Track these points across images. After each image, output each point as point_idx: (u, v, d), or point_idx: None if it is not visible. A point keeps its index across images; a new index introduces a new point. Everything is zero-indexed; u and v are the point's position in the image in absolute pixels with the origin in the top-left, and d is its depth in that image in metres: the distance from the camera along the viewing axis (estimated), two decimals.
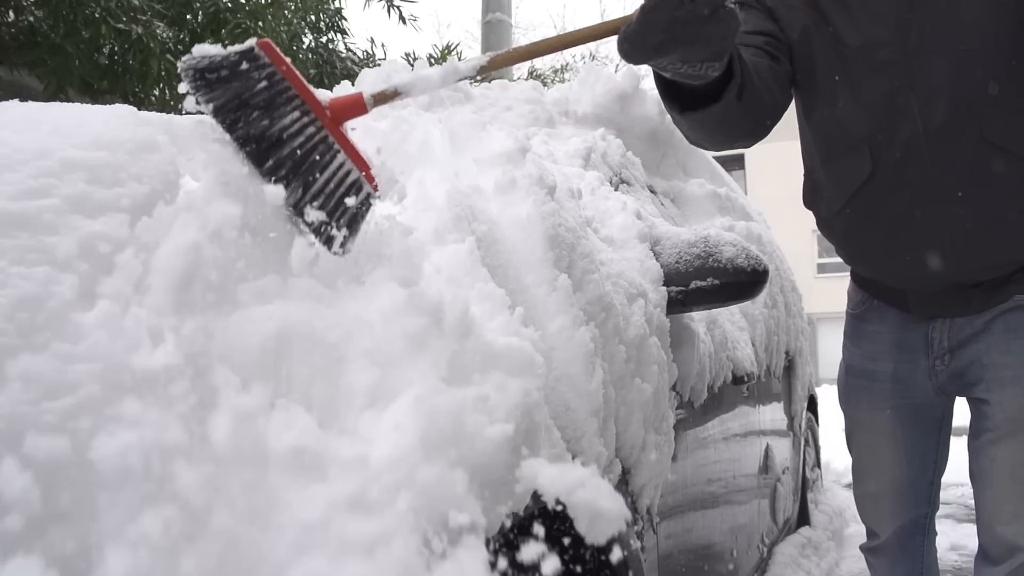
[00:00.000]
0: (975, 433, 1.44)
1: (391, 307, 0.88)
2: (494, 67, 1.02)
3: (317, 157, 0.94)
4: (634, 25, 0.95)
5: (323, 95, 0.97)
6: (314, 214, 0.92)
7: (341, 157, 0.95)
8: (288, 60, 0.97)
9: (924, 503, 1.59)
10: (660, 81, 1.18)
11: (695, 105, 1.20)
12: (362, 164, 0.96)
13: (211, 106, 0.93)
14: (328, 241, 0.93)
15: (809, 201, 1.55)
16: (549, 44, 1.04)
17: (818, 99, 1.41)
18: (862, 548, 1.68)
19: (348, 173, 0.95)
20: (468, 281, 1.12)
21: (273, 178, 0.92)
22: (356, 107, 0.98)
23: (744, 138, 1.38)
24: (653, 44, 0.95)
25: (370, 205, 0.96)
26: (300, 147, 0.93)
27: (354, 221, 0.95)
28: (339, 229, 0.93)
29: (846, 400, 1.64)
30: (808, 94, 1.43)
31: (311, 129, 0.94)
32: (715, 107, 1.19)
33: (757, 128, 1.36)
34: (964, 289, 1.39)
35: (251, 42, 0.96)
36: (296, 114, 0.94)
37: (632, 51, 0.97)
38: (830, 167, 1.44)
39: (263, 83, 0.93)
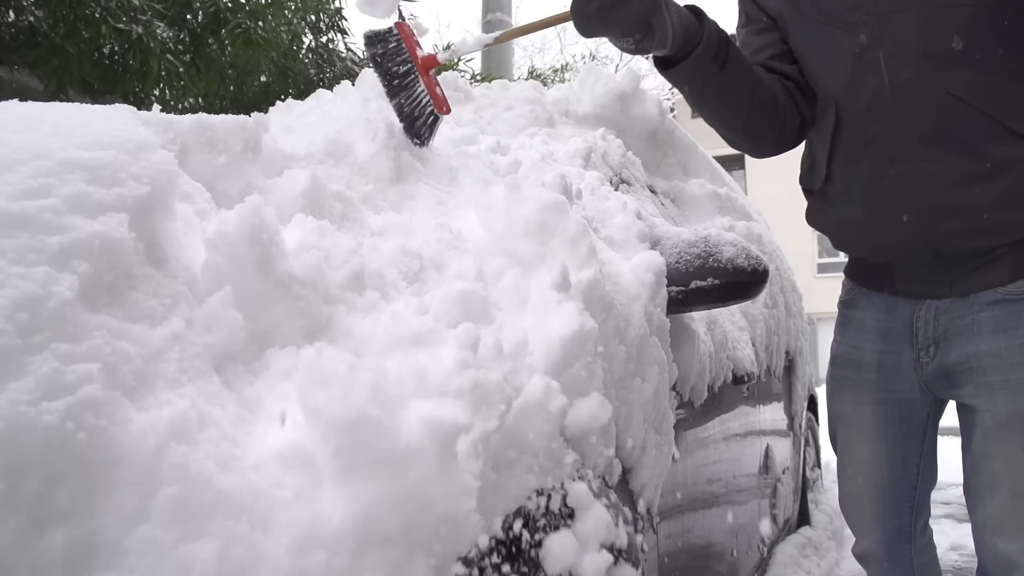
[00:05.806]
0: (966, 443, 1.41)
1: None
2: (500, 40, 1.70)
3: (411, 88, 1.65)
4: (571, 13, 1.32)
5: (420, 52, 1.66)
6: (405, 119, 1.62)
7: (421, 88, 1.64)
8: (407, 30, 1.67)
9: (907, 510, 1.53)
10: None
11: (668, 65, 1.40)
12: (435, 97, 1.64)
13: (376, 57, 1.66)
14: (411, 135, 1.61)
15: (804, 177, 1.55)
16: (526, 27, 1.68)
17: (806, 65, 1.47)
18: (853, 553, 1.63)
19: (426, 99, 1.64)
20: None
21: (393, 98, 1.64)
22: (432, 61, 1.66)
23: (763, 131, 1.48)
24: (584, 26, 1.29)
25: (437, 119, 1.64)
26: (401, 80, 1.65)
27: (426, 129, 1.64)
28: (417, 133, 1.62)
29: (830, 393, 1.60)
30: (803, 64, 1.48)
31: (411, 73, 1.65)
32: (684, 64, 1.36)
33: (774, 125, 1.47)
34: (947, 264, 1.37)
35: (394, 20, 1.70)
36: (407, 65, 1.65)
37: (579, 30, 1.30)
38: (815, 130, 1.49)
39: (392, 44, 1.66)
